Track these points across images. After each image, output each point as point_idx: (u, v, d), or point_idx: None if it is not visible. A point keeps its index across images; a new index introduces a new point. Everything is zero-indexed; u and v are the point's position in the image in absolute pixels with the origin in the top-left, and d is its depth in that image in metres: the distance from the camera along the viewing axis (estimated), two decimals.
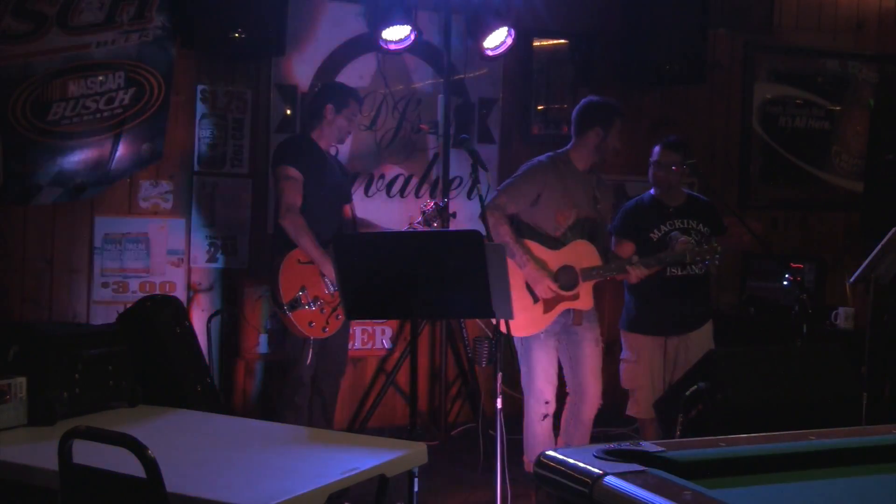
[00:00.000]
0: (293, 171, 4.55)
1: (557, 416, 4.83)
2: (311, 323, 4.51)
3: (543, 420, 4.64)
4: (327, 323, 4.55)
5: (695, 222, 4.90)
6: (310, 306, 4.49)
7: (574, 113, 4.82)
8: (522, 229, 4.65)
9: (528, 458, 4.72)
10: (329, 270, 4.49)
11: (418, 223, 4.81)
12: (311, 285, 4.53)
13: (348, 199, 4.94)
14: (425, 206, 4.86)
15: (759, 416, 3.55)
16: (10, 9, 4.67)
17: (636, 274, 4.58)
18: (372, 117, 5.72)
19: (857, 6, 6.82)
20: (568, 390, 4.79)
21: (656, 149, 4.93)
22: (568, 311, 4.60)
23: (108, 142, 5.02)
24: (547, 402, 4.63)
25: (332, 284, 4.51)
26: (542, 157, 4.73)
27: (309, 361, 4.54)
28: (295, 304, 4.46)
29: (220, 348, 5.43)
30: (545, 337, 4.59)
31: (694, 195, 5.11)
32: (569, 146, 4.76)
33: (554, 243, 4.59)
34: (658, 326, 4.83)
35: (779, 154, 6.72)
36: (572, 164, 4.69)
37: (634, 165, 6.21)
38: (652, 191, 4.98)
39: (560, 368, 4.75)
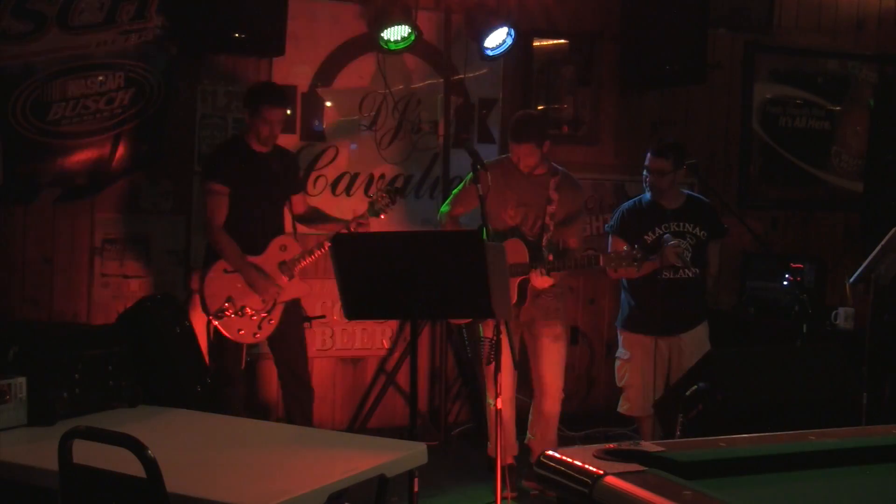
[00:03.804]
0: (216, 186, 4.61)
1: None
2: (239, 330, 4.60)
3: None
4: (259, 328, 4.62)
5: (691, 225, 4.92)
6: (237, 315, 4.57)
7: None
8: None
9: (491, 443, 4.82)
10: (254, 278, 4.58)
11: (363, 214, 4.71)
12: (238, 295, 4.59)
13: (293, 191, 4.90)
14: (376, 193, 4.83)
15: (759, 416, 3.55)
16: (10, 9, 4.67)
17: (537, 281, 4.61)
18: (372, 117, 5.72)
19: (857, 6, 6.82)
20: (533, 385, 4.92)
21: (647, 154, 4.97)
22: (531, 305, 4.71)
23: (108, 142, 5.02)
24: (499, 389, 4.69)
25: (262, 295, 4.59)
26: (489, 160, 4.83)
27: (243, 366, 4.67)
28: (219, 313, 4.55)
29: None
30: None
31: (694, 197, 5.12)
32: None
33: (500, 238, 4.68)
34: (648, 326, 4.88)
35: (779, 154, 6.72)
36: (516, 166, 4.77)
37: (634, 165, 6.22)
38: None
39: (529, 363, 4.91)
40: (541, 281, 4.60)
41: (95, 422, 3.09)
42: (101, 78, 4.94)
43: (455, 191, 5.00)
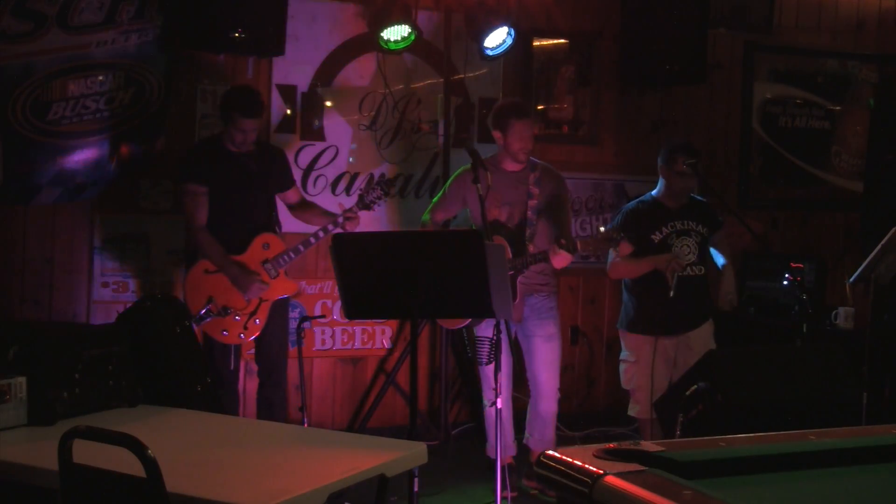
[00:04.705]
0: (192, 186, 4.63)
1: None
2: (224, 331, 4.60)
3: (492, 406, 4.72)
4: (245, 328, 4.62)
5: (694, 223, 4.94)
6: (221, 315, 4.57)
7: None
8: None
9: (489, 443, 4.87)
10: (236, 275, 4.57)
11: (350, 209, 4.71)
12: (220, 294, 4.59)
13: (280, 189, 4.88)
14: (364, 187, 4.84)
15: (759, 416, 3.55)
16: (10, 9, 4.67)
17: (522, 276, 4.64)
18: (372, 117, 5.72)
19: (857, 6, 6.82)
20: (529, 385, 4.93)
21: (679, 158, 4.86)
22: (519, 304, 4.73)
23: (108, 142, 5.02)
24: (493, 389, 4.70)
25: (245, 293, 4.58)
26: (467, 164, 4.81)
27: (232, 367, 4.65)
28: (204, 316, 4.55)
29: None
30: (485, 326, 4.66)
31: (693, 196, 5.13)
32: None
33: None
34: (655, 326, 4.84)
35: (779, 154, 6.72)
36: (498, 164, 4.80)
37: (634, 165, 6.23)
38: (654, 192, 4.99)
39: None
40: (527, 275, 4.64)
41: (95, 422, 3.08)
42: (101, 78, 4.94)
43: (435, 199, 4.98)
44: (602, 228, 4.63)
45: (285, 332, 4.85)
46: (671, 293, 4.68)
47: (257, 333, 4.66)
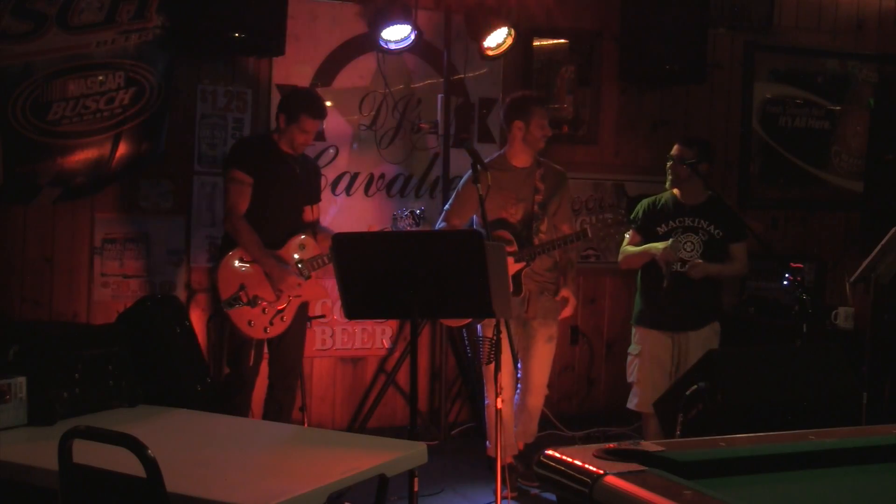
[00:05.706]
0: (240, 174, 4.59)
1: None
2: (250, 322, 4.55)
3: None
4: (270, 324, 4.58)
5: (706, 223, 4.94)
6: (250, 305, 4.52)
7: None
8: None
9: (489, 443, 4.89)
10: (272, 267, 4.54)
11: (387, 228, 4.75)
12: (252, 285, 4.55)
13: (312, 201, 4.90)
14: (400, 212, 4.84)
15: (759, 416, 3.56)
16: (10, 9, 4.67)
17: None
18: (372, 117, 5.72)
19: (857, 6, 6.82)
20: (518, 378, 4.93)
21: (676, 145, 5.03)
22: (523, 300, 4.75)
23: (108, 142, 5.02)
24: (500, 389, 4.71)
25: (278, 287, 4.56)
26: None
27: (251, 363, 4.60)
28: (233, 301, 4.51)
29: (220, 348, 5.43)
30: (486, 325, 4.66)
31: (717, 198, 5.06)
32: (505, 147, 4.95)
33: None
34: (660, 321, 4.89)
35: (779, 154, 6.72)
36: (508, 162, 4.85)
37: (634, 165, 6.23)
38: (674, 189, 5.03)
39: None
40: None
41: (95, 422, 3.09)
42: (101, 78, 4.94)
43: (447, 206, 4.96)
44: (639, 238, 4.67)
45: (304, 337, 4.83)
46: (664, 283, 4.74)
47: (281, 331, 4.62)
